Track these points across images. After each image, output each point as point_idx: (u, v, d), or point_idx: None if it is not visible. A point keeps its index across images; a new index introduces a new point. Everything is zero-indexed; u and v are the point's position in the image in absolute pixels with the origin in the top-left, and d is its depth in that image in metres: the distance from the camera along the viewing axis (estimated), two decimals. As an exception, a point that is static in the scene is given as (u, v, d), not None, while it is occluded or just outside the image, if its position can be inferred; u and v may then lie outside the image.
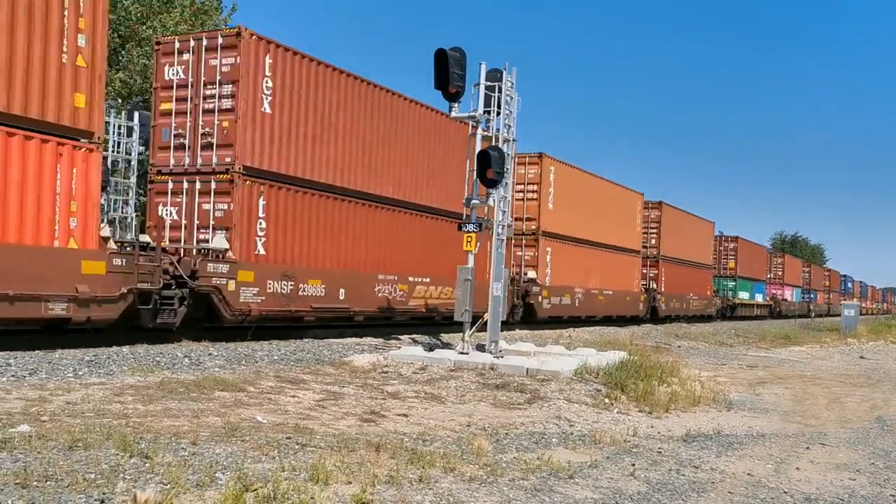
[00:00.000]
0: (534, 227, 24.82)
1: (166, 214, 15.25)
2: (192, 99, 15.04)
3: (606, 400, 10.51)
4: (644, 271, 34.69)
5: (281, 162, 15.48)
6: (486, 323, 14.05)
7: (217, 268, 13.99)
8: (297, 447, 6.38)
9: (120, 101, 26.65)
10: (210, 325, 14.71)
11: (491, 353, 13.55)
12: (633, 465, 6.86)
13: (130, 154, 21.01)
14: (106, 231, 12.69)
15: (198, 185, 14.87)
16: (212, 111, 14.79)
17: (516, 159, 20.65)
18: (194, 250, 14.32)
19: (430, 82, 13.71)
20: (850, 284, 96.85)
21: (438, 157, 20.27)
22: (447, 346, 15.65)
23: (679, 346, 23.02)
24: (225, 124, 14.64)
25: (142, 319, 13.02)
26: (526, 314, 24.24)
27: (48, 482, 4.79)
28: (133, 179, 21.10)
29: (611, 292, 29.89)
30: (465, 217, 14.58)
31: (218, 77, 14.75)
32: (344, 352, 13.91)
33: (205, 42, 14.91)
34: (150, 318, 13.09)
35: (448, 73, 13.55)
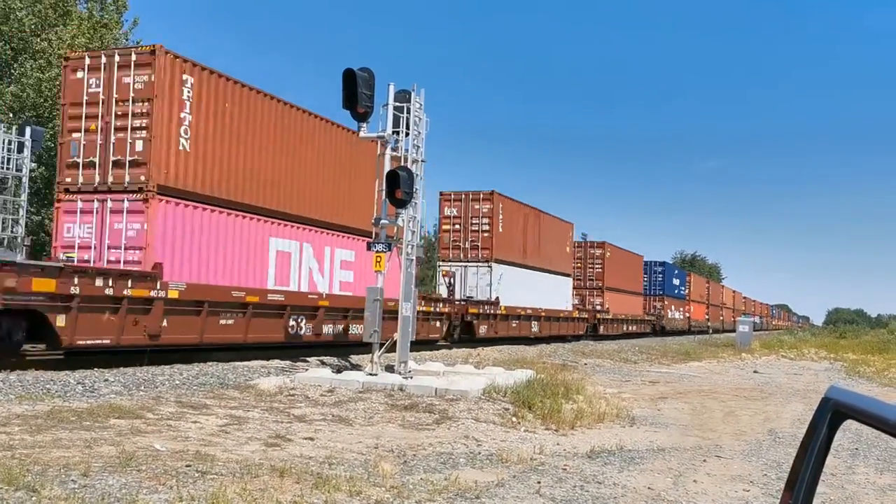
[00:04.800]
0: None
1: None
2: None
3: (514, 419, 10.61)
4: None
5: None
6: (395, 343, 13.99)
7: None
8: (196, 475, 6.16)
9: (11, 115, 25.37)
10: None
11: (400, 373, 13.49)
12: (539, 482, 6.93)
13: (21, 171, 20.02)
14: None
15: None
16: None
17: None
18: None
19: (338, 100, 13.71)
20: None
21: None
22: (356, 367, 15.49)
23: (585, 364, 23.50)
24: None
25: None
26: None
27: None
28: (24, 197, 20.08)
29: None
30: (374, 237, 14.52)
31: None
32: (249, 375, 13.56)
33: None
34: None
35: (357, 92, 13.54)
